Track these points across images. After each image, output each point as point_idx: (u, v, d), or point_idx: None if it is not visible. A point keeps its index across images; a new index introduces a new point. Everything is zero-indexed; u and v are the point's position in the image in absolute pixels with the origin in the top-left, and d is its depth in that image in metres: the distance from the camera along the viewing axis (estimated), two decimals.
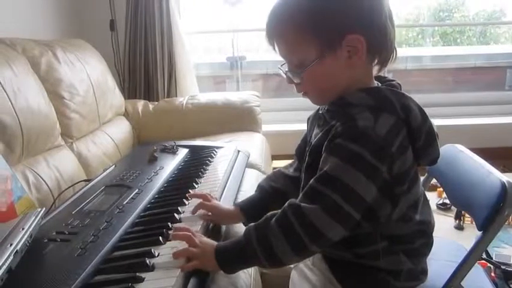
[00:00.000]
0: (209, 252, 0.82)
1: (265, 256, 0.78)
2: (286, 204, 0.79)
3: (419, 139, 0.81)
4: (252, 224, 0.82)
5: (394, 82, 0.87)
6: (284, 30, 0.82)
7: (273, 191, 1.02)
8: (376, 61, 0.84)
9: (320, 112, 0.91)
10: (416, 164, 0.84)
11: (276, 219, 0.79)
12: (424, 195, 0.90)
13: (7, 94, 1.32)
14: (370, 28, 0.79)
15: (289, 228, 0.76)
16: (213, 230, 1.01)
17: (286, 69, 0.87)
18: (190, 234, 0.85)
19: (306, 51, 0.80)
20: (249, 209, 1.02)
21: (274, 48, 0.86)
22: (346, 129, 0.78)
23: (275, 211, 0.81)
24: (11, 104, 1.32)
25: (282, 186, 1.02)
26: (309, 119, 0.97)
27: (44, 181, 1.38)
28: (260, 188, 1.05)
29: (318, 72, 0.81)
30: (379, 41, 0.80)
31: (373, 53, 0.81)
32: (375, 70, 0.86)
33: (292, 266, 0.99)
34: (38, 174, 1.38)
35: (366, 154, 0.74)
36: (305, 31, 0.79)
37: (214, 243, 0.84)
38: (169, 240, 0.89)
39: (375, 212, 0.79)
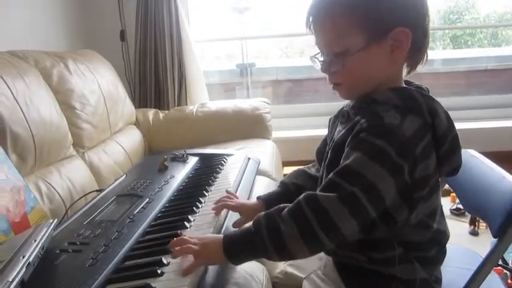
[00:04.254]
0: (213, 244, 0.80)
1: (273, 245, 0.75)
2: (301, 195, 0.78)
3: (443, 145, 0.80)
4: (263, 212, 0.81)
5: (422, 86, 0.87)
6: (335, 15, 0.80)
7: (294, 188, 1.03)
8: (409, 61, 0.84)
9: (344, 109, 0.90)
10: (439, 172, 0.82)
11: (288, 208, 0.77)
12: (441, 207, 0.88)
13: (19, 106, 1.34)
14: (416, 27, 0.80)
15: (301, 215, 0.74)
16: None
17: (323, 58, 0.85)
18: (185, 246, 0.82)
19: (353, 39, 0.79)
20: (271, 203, 1.01)
21: (311, 31, 0.84)
22: (372, 124, 0.77)
23: (288, 203, 0.79)
24: (24, 115, 1.34)
25: (303, 183, 1.02)
26: (330, 119, 0.96)
27: (57, 191, 1.39)
28: (282, 184, 1.06)
29: (361, 61, 0.80)
30: (421, 41, 0.81)
31: (414, 51, 0.82)
32: (403, 72, 0.86)
33: (303, 275, 0.98)
34: (51, 185, 1.39)
35: (391, 151, 0.73)
36: (356, 17, 0.78)
37: (218, 235, 0.82)
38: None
39: (392, 215, 0.77)
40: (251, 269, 0.97)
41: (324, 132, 0.99)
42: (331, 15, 0.81)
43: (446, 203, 2.29)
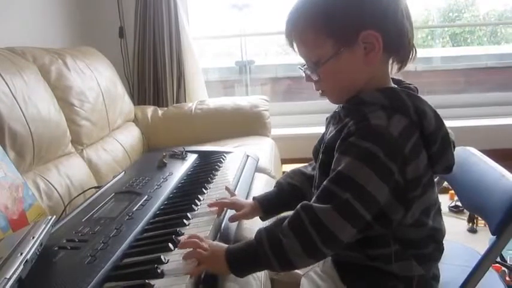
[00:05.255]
0: (219, 255, 0.81)
1: (276, 258, 0.77)
2: (299, 205, 0.79)
3: (434, 144, 0.80)
4: (264, 226, 0.82)
5: (411, 85, 0.87)
6: (301, 29, 0.83)
7: (289, 188, 1.03)
8: (393, 60, 0.84)
9: (336, 110, 0.91)
10: (431, 171, 0.83)
11: (288, 220, 0.79)
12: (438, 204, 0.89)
13: (18, 102, 1.33)
14: (386, 25, 0.79)
15: (301, 228, 0.76)
16: (222, 235, 1.00)
17: (305, 67, 0.87)
18: (197, 240, 0.85)
19: (322, 49, 0.81)
20: (266, 204, 1.04)
21: (293, 48, 0.87)
22: (359, 128, 0.78)
23: (287, 214, 0.80)
24: (22, 112, 1.34)
25: (298, 184, 1.03)
26: (327, 119, 0.97)
27: (55, 188, 1.39)
28: (278, 184, 1.07)
29: (335, 69, 0.82)
30: (395, 39, 0.81)
31: (390, 50, 0.82)
32: (394, 69, 0.86)
33: (302, 273, 0.98)
34: (49, 182, 1.39)
35: (380, 153, 0.74)
36: (321, 29, 0.80)
37: (224, 245, 0.84)
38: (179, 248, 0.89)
39: (388, 215, 0.78)
40: None
41: (322, 129, 0.99)
42: (299, 30, 0.84)
43: (445, 201, 2.29)
